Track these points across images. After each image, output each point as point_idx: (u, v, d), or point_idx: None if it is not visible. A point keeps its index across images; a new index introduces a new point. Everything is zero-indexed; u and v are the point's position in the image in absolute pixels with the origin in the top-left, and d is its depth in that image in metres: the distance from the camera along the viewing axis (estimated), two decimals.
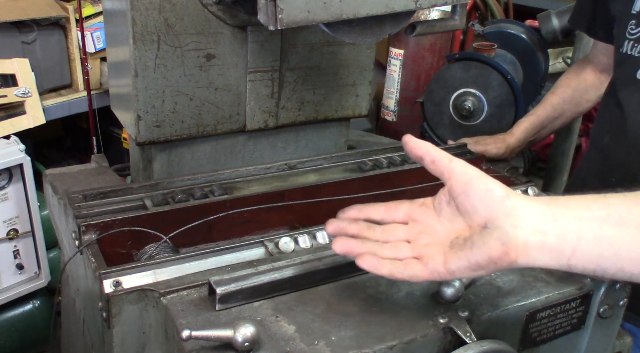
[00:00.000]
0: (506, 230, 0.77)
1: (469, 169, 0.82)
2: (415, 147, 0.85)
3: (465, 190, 0.81)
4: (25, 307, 2.35)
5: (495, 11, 3.16)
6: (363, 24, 1.09)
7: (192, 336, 0.82)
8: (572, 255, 0.77)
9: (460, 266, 0.80)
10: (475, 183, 0.80)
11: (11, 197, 2.14)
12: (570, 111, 1.90)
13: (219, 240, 1.21)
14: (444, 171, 0.83)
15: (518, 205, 0.79)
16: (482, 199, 0.80)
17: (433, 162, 0.84)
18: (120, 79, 1.41)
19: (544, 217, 0.78)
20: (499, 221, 0.78)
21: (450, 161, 0.83)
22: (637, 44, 1.46)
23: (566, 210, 0.78)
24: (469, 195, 0.80)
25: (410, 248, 0.85)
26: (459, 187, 0.81)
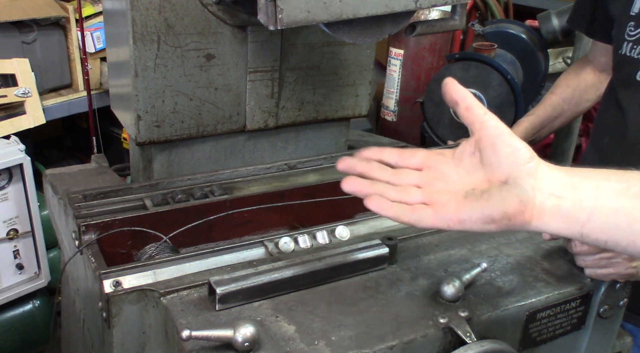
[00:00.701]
0: (526, 189, 0.78)
1: (500, 125, 0.82)
2: (453, 91, 0.85)
3: (494, 142, 0.81)
4: (25, 307, 2.35)
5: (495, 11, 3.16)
6: (363, 24, 1.09)
7: (192, 336, 0.82)
8: (586, 223, 0.77)
9: (472, 216, 0.79)
10: (504, 139, 0.81)
11: (11, 197, 2.14)
12: (569, 111, 1.90)
13: (219, 240, 1.21)
14: (476, 120, 0.83)
15: (540, 169, 0.80)
16: (509, 155, 0.80)
17: (467, 109, 0.84)
18: (120, 79, 1.41)
19: (562, 183, 0.79)
20: (521, 179, 0.79)
21: (485, 113, 0.83)
22: (636, 45, 1.46)
23: (586, 179, 0.79)
24: (497, 148, 0.80)
25: (420, 193, 0.84)
26: (489, 138, 0.81)
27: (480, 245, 1.15)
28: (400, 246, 1.10)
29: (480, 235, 1.19)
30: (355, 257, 1.04)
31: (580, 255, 1.08)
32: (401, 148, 0.91)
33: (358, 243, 1.08)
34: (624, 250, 0.79)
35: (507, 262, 1.11)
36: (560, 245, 1.15)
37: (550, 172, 0.80)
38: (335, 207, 1.30)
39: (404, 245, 1.13)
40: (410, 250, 1.12)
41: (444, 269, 1.07)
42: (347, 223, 1.17)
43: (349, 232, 1.15)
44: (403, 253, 1.10)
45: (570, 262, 1.11)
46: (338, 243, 1.11)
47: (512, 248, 1.15)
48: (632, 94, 1.50)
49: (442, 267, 1.08)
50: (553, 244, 1.16)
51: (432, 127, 2.30)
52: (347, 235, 1.14)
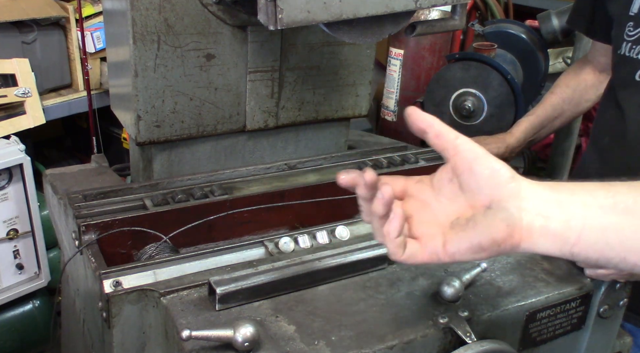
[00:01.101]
0: (511, 212, 0.75)
1: (475, 147, 0.79)
2: (419, 120, 0.80)
3: (471, 167, 0.77)
4: (25, 307, 2.35)
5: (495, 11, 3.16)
6: (363, 24, 1.09)
7: (192, 336, 0.82)
8: (576, 242, 0.75)
9: (461, 248, 0.77)
10: (481, 162, 0.77)
11: (11, 197, 2.14)
12: (569, 111, 1.90)
13: (219, 240, 1.21)
14: (449, 147, 0.79)
15: (523, 188, 0.76)
16: (488, 178, 0.77)
17: (437, 137, 0.80)
18: (120, 79, 1.41)
19: (548, 202, 0.76)
20: (504, 202, 0.76)
21: (456, 137, 0.79)
22: (635, 45, 1.46)
23: (572, 196, 0.76)
24: (475, 173, 0.77)
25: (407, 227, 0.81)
26: (464, 164, 0.78)
27: None
28: None
29: None
30: (355, 257, 1.04)
31: None
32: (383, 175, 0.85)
33: (358, 243, 1.08)
34: (616, 266, 0.77)
35: (507, 262, 1.11)
36: None
37: (535, 191, 0.77)
38: (335, 207, 1.30)
39: None
40: None
41: (444, 269, 1.07)
42: (347, 223, 1.17)
43: (349, 232, 1.15)
44: None
45: (570, 262, 1.11)
46: (338, 243, 1.12)
47: None
48: (632, 94, 1.50)
49: (442, 267, 1.08)
50: None
51: None
52: (347, 235, 1.14)
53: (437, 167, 1.44)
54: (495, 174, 0.77)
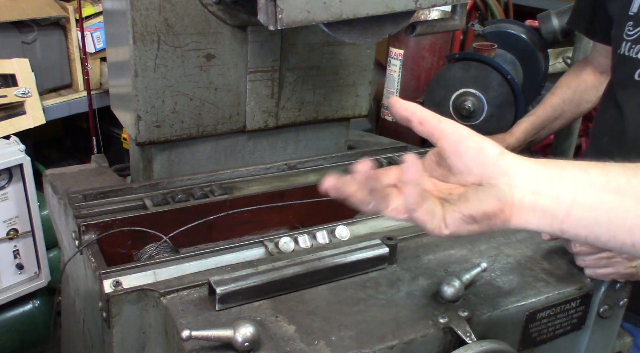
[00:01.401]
0: (502, 188, 0.76)
1: (459, 128, 0.79)
2: (402, 108, 0.81)
3: (457, 149, 0.78)
4: (25, 307, 2.35)
5: (495, 11, 3.16)
6: (363, 24, 1.09)
7: (192, 336, 0.82)
8: (566, 218, 0.76)
9: (454, 218, 0.77)
10: (466, 142, 0.78)
11: (11, 197, 2.14)
12: (570, 112, 1.90)
13: (219, 240, 1.21)
14: (434, 131, 0.79)
15: (512, 164, 0.77)
16: (475, 158, 0.77)
17: (421, 123, 0.80)
18: (120, 79, 1.41)
19: (539, 177, 0.76)
20: (494, 179, 0.76)
21: (440, 121, 0.79)
22: (635, 45, 1.46)
23: (563, 171, 0.76)
24: (461, 154, 0.78)
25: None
26: (450, 146, 0.78)
27: (480, 245, 1.15)
28: (400, 246, 1.10)
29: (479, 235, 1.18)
30: (355, 257, 1.04)
31: (580, 255, 1.08)
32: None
33: (358, 243, 1.08)
34: (604, 245, 0.78)
35: (507, 262, 1.11)
36: (560, 245, 1.15)
37: (525, 167, 0.77)
38: (335, 207, 1.30)
39: (404, 245, 1.13)
40: (410, 250, 1.12)
41: (444, 269, 1.07)
42: (347, 223, 1.17)
43: (349, 232, 1.15)
44: (403, 253, 1.10)
45: (570, 262, 1.11)
46: (338, 243, 1.12)
47: (512, 248, 1.15)
48: (631, 94, 1.50)
49: (442, 267, 1.08)
50: (553, 244, 1.16)
51: None
52: (347, 235, 1.14)
53: None
54: (481, 153, 0.77)
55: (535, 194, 0.76)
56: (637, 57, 1.46)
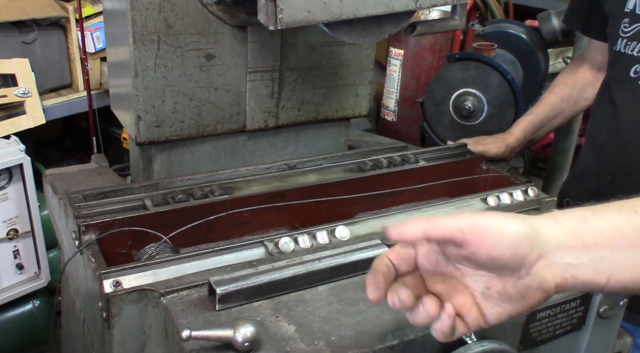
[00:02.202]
0: (543, 275, 0.74)
1: (484, 230, 0.73)
2: (406, 235, 0.75)
3: (491, 255, 0.73)
4: (25, 307, 2.35)
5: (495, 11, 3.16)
6: (363, 24, 1.09)
7: (192, 336, 0.82)
8: (607, 284, 0.75)
9: (501, 318, 0.77)
10: (501, 246, 0.73)
11: (11, 197, 2.14)
12: (568, 110, 1.90)
13: (219, 240, 1.21)
14: (460, 244, 0.74)
15: (548, 242, 0.74)
16: (512, 257, 0.73)
17: (442, 239, 0.75)
18: (120, 79, 1.41)
19: (575, 248, 0.74)
20: (532, 269, 0.74)
21: (459, 229, 0.73)
22: (631, 41, 1.46)
23: (598, 236, 0.75)
24: (497, 258, 0.73)
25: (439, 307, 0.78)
26: (482, 255, 0.73)
27: None
28: None
29: None
30: (355, 257, 1.04)
31: None
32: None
33: (358, 243, 1.08)
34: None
35: None
36: None
37: (560, 238, 0.74)
38: (335, 207, 1.30)
39: None
40: None
41: None
42: (347, 223, 1.17)
43: (349, 232, 1.15)
44: None
45: None
46: (338, 243, 1.11)
47: None
48: (626, 91, 1.50)
49: None
50: None
51: (432, 127, 2.30)
52: (347, 235, 1.14)
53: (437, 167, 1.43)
54: (517, 251, 0.73)
55: (575, 267, 0.75)
56: (632, 54, 1.46)
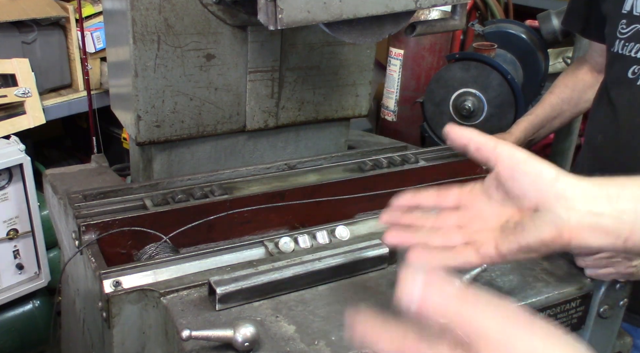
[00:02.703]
0: (558, 213, 0.76)
1: (515, 153, 0.80)
2: (458, 137, 0.83)
3: (513, 175, 0.79)
4: (25, 307, 2.35)
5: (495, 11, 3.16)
6: (363, 24, 1.09)
7: (192, 336, 0.82)
8: (630, 236, 0.75)
9: (511, 249, 0.79)
10: (522, 167, 0.79)
11: (11, 197, 2.14)
12: (568, 111, 1.90)
13: (219, 240, 1.21)
14: (490, 157, 0.81)
15: (570, 187, 0.77)
16: (531, 183, 0.78)
17: (478, 150, 0.82)
18: (120, 79, 1.41)
19: (598, 198, 0.76)
20: (550, 204, 0.76)
21: (495, 146, 0.81)
22: (628, 43, 1.47)
23: (623, 190, 0.76)
24: (517, 179, 0.79)
25: (461, 235, 0.84)
26: (506, 172, 0.80)
27: None
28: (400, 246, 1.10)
29: None
30: (355, 257, 1.04)
31: (580, 255, 1.08)
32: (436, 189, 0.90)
33: (358, 243, 1.08)
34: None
35: None
36: None
37: (583, 188, 0.76)
38: (335, 207, 1.30)
39: None
40: None
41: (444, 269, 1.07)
42: (347, 223, 1.17)
43: (349, 232, 1.15)
44: (403, 253, 1.10)
45: (570, 262, 1.11)
46: (338, 243, 1.11)
47: None
48: (624, 92, 1.50)
49: None
50: None
51: (432, 127, 2.30)
52: (347, 235, 1.14)
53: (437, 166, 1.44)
54: (537, 179, 0.78)
55: (596, 215, 0.75)
56: (630, 54, 1.47)
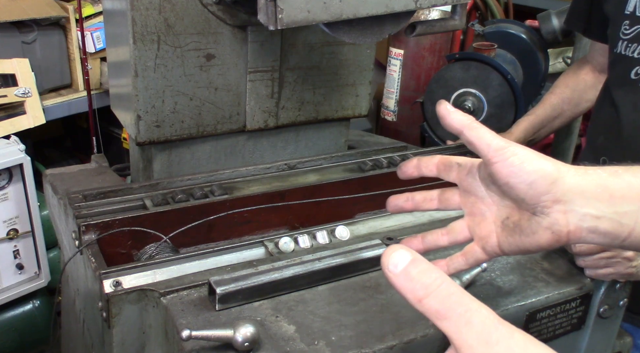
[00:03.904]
0: (555, 218, 0.74)
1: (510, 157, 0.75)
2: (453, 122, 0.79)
3: (508, 181, 0.76)
4: (25, 307, 2.35)
5: (495, 11, 3.16)
6: (363, 24, 1.09)
7: (192, 336, 0.82)
8: (628, 237, 0.74)
9: (511, 250, 0.80)
10: (518, 173, 0.75)
11: (11, 197, 2.14)
12: (569, 111, 1.90)
13: (219, 240, 1.21)
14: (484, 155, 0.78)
15: (569, 189, 0.74)
16: (527, 191, 0.75)
17: (471, 144, 0.79)
18: (120, 79, 1.41)
19: (599, 200, 0.73)
20: (548, 208, 0.75)
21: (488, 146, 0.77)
22: (631, 44, 1.47)
23: (629, 189, 0.73)
24: (513, 186, 0.76)
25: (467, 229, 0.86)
26: (501, 178, 0.77)
27: None
28: None
29: None
30: (355, 257, 1.04)
31: (580, 255, 1.08)
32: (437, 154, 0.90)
33: (358, 243, 1.08)
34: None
35: (507, 262, 1.11)
36: None
37: (584, 188, 0.74)
38: (335, 207, 1.30)
39: None
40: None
41: None
42: (347, 223, 1.17)
43: (349, 232, 1.15)
44: None
45: (570, 262, 1.11)
46: (338, 243, 1.11)
47: None
48: (626, 93, 1.50)
49: None
50: None
51: (432, 127, 2.30)
52: (347, 235, 1.14)
53: None
54: (533, 185, 0.75)
55: (595, 218, 0.74)
56: (633, 55, 1.47)
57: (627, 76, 1.48)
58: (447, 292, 0.57)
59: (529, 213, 0.77)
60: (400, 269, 0.59)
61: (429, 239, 0.89)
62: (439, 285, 0.57)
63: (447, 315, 0.56)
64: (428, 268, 0.58)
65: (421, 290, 0.57)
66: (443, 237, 0.88)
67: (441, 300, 0.56)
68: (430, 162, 0.89)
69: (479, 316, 0.56)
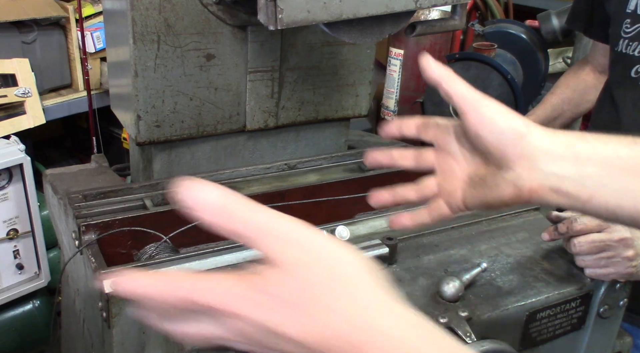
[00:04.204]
0: (519, 173, 0.76)
1: (480, 108, 0.77)
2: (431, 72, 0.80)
3: (478, 132, 0.77)
4: (25, 307, 2.35)
5: (495, 11, 3.16)
6: (363, 24, 1.09)
7: None
8: (588, 201, 0.74)
9: (474, 204, 0.82)
10: (487, 125, 0.76)
11: (11, 197, 2.14)
12: (570, 112, 1.90)
13: (219, 240, 1.21)
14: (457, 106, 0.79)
15: (536, 146, 0.75)
16: (495, 143, 0.76)
17: (447, 94, 0.80)
18: (120, 79, 1.41)
19: (564, 159, 0.74)
20: (512, 163, 0.76)
21: (463, 97, 0.78)
22: (632, 42, 1.47)
23: (593, 154, 0.74)
24: (483, 137, 0.77)
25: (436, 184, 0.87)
26: (471, 128, 0.78)
27: (480, 245, 1.15)
28: (400, 246, 1.10)
29: (479, 235, 1.19)
30: None
31: (580, 255, 1.08)
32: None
33: (358, 243, 1.08)
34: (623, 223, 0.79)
35: (507, 262, 1.11)
36: (560, 245, 1.15)
37: (550, 146, 0.75)
38: (335, 207, 1.30)
39: (404, 245, 1.13)
40: (410, 250, 1.12)
41: (444, 269, 1.07)
42: (347, 223, 1.17)
43: (349, 232, 1.15)
44: (403, 253, 1.10)
45: (570, 262, 1.11)
46: None
47: (512, 248, 1.15)
48: (627, 91, 1.50)
49: (442, 267, 1.08)
50: (553, 244, 1.16)
51: None
52: (347, 235, 1.14)
53: None
54: (501, 137, 0.76)
55: (558, 178, 0.74)
56: (634, 54, 1.47)
57: (628, 74, 1.48)
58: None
59: (495, 167, 0.78)
60: None
61: (399, 192, 0.90)
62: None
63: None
64: None
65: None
66: (412, 192, 0.89)
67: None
68: (411, 122, 0.90)
69: None
